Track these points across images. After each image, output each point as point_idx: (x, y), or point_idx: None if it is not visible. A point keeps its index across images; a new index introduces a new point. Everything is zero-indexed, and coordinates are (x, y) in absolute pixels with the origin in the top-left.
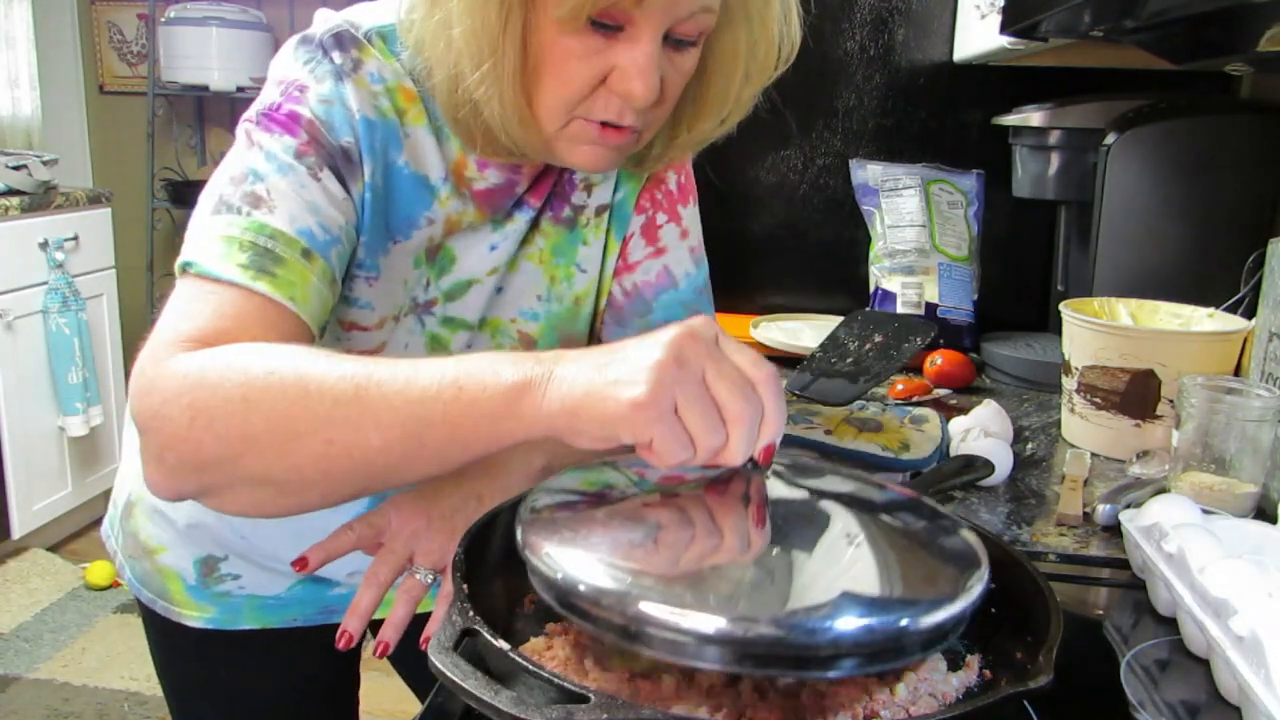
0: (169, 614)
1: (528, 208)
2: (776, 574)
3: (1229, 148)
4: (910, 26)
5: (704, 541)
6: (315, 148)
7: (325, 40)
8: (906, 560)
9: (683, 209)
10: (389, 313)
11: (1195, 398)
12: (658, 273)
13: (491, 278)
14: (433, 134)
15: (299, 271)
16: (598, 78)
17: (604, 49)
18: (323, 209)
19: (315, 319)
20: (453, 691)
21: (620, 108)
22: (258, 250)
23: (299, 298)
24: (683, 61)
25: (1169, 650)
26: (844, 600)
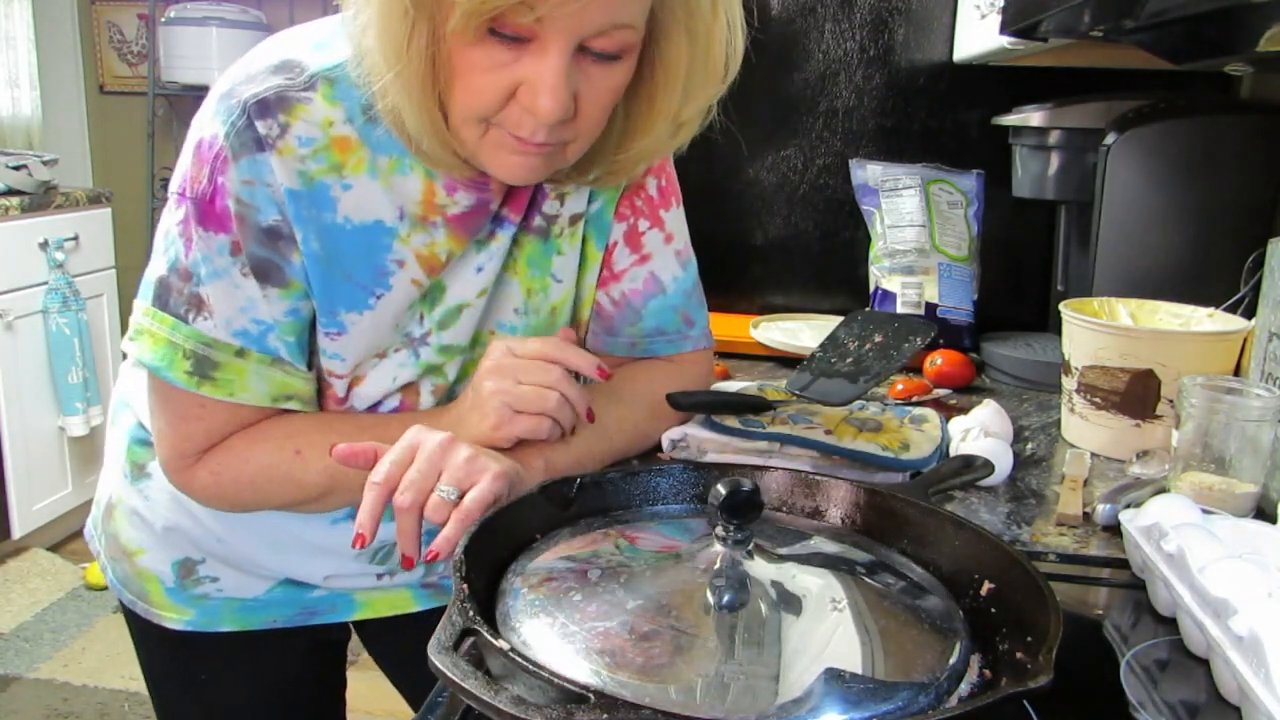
0: (149, 615)
1: (508, 223)
2: (758, 666)
3: (1229, 148)
4: (910, 26)
5: (682, 631)
6: (246, 242)
7: (250, 107)
8: (887, 635)
9: (665, 213)
10: (365, 355)
11: (1195, 398)
12: (645, 279)
13: (482, 299)
14: (379, 176)
15: (235, 369)
16: (506, 90)
17: (510, 62)
18: (256, 305)
19: (265, 394)
20: (453, 691)
21: (532, 123)
22: (197, 359)
23: (238, 391)
24: (605, 77)
25: (1169, 650)
26: (827, 694)
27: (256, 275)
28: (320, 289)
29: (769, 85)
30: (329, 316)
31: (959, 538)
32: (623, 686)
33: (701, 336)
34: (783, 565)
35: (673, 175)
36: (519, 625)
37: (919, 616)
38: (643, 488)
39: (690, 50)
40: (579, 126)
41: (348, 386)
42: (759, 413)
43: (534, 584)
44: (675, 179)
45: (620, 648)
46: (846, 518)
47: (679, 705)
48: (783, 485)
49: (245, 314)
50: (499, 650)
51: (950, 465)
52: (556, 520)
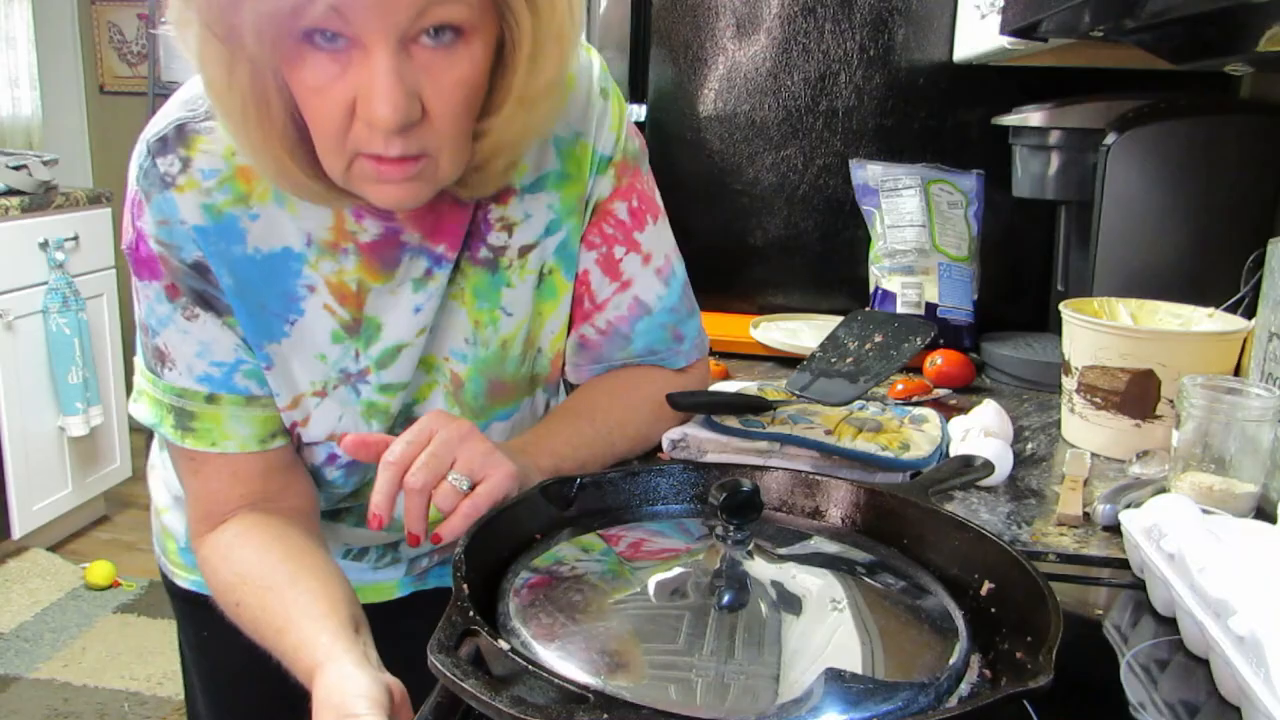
0: (166, 570)
1: (445, 262)
2: (758, 665)
3: (1229, 148)
4: (910, 26)
5: (682, 631)
6: (177, 281)
7: (152, 144)
8: (887, 636)
9: (639, 235)
10: (303, 390)
11: (1195, 398)
12: (629, 305)
13: (421, 338)
14: (286, 203)
15: (210, 417)
16: (344, 107)
17: (339, 75)
18: (210, 346)
19: (250, 438)
20: (453, 691)
21: (380, 137)
22: (176, 411)
23: (219, 438)
24: (448, 67)
25: (1169, 650)
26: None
27: (203, 307)
28: (244, 321)
29: (769, 85)
30: (257, 349)
31: (959, 538)
32: (622, 686)
33: (693, 349)
34: (783, 565)
35: (645, 192)
36: (519, 625)
37: (919, 616)
38: (643, 488)
39: (533, 20)
40: (436, 130)
41: (291, 423)
42: (759, 413)
43: (534, 584)
44: (650, 194)
45: (620, 648)
46: (846, 518)
47: (679, 705)
48: (783, 485)
49: (203, 359)
50: (499, 650)
51: (950, 465)
52: (556, 520)
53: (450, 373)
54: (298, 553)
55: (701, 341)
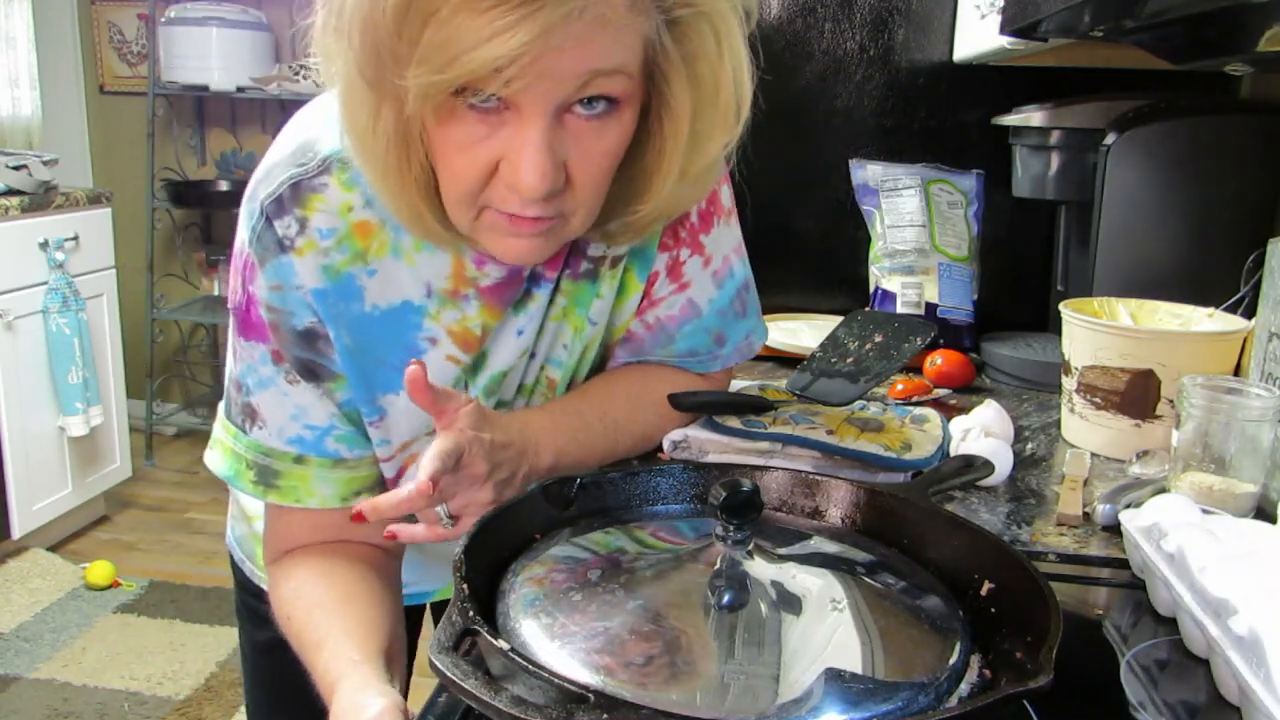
0: (253, 576)
1: (545, 283)
2: (758, 666)
3: (1229, 148)
4: (910, 26)
5: (682, 631)
6: (284, 348)
7: (268, 208)
8: (887, 636)
9: (705, 237)
10: (412, 435)
11: (1195, 398)
12: (681, 306)
13: (523, 360)
14: (404, 256)
15: (296, 476)
16: (487, 168)
17: (486, 136)
18: (307, 410)
19: (333, 496)
20: (453, 691)
21: (519, 200)
22: (259, 469)
23: (303, 495)
24: (597, 138)
25: (1169, 650)
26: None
27: (305, 376)
28: (356, 379)
29: (769, 85)
30: (368, 405)
31: (959, 538)
32: (622, 686)
33: (734, 353)
34: (783, 565)
35: (716, 192)
36: (519, 625)
37: (919, 616)
38: (643, 488)
39: (695, 97)
40: (576, 196)
41: (398, 469)
42: (760, 413)
43: (534, 584)
44: (720, 194)
45: (620, 648)
46: (846, 518)
47: (679, 705)
48: (783, 485)
49: (297, 421)
50: (499, 650)
51: (950, 465)
52: (556, 520)
53: (547, 380)
54: (354, 580)
55: (746, 345)
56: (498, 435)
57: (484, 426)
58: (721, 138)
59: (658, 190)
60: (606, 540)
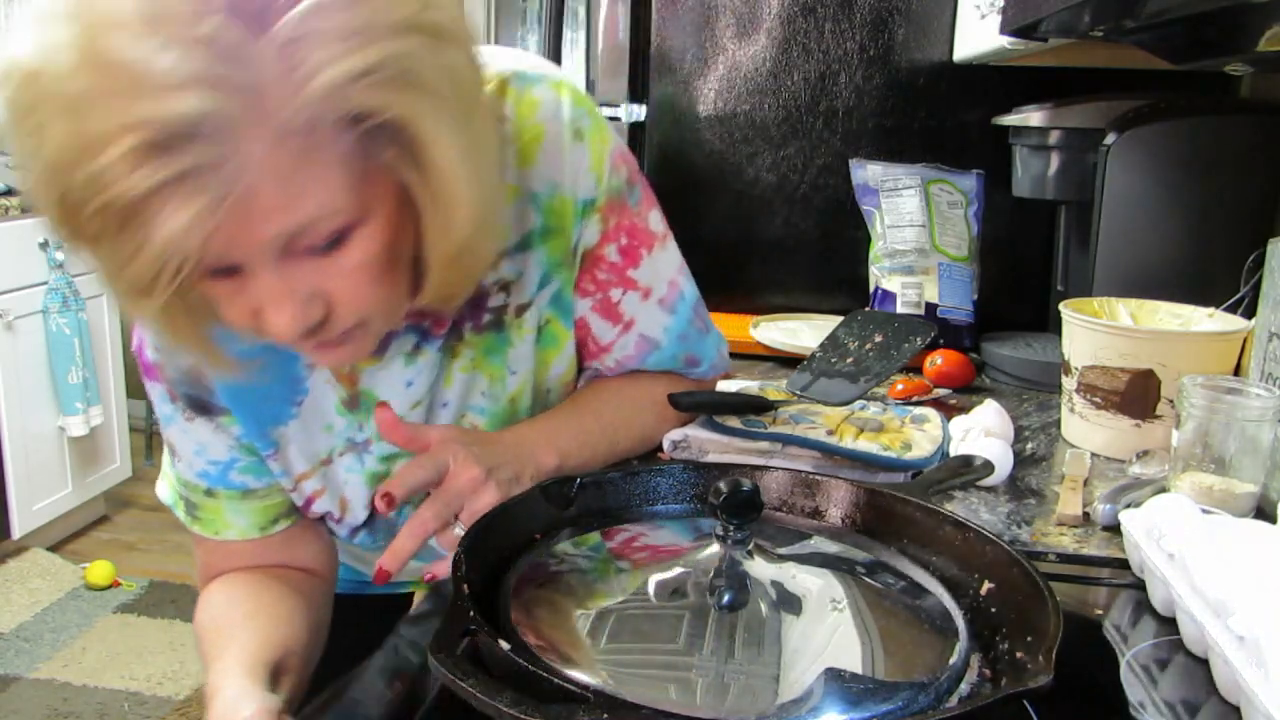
0: None
1: (433, 337)
2: (758, 665)
3: (1229, 148)
4: (910, 26)
5: (682, 632)
6: (172, 386)
7: None
8: (887, 636)
9: (635, 271)
10: (310, 464)
11: (1195, 397)
12: (635, 344)
13: (416, 410)
14: None
15: (210, 509)
16: (251, 315)
17: (236, 290)
18: (208, 446)
19: (250, 527)
20: (452, 691)
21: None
22: (185, 501)
23: (221, 527)
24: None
25: (1169, 650)
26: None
27: (197, 413)
28: (243, 415)
29: (769, 85)
30: (261, 439)
31: (959, 537)
32: (622, 686)
33: (710, 370)
34: (783, 565)
35: (638, 225)
36: (519, 625)
37: (919, 616)
38: (643, 488)
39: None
40: (348, 312)
41: (304, 500)
42: (760, 413)
43: (534, 584)
44: (643, 225)
45: (620, 648)
46: (846, 518)
47: (679, 705)
48: (783, 485)
49: (201, 456)
50: (499, 650)
51: (950, 465)
52: (556, 520)
53: (471, 424)
54: (258, 597)
55: (721, 361)
56: (487, 443)
57: (467, 439)
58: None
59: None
60: (606, 541)
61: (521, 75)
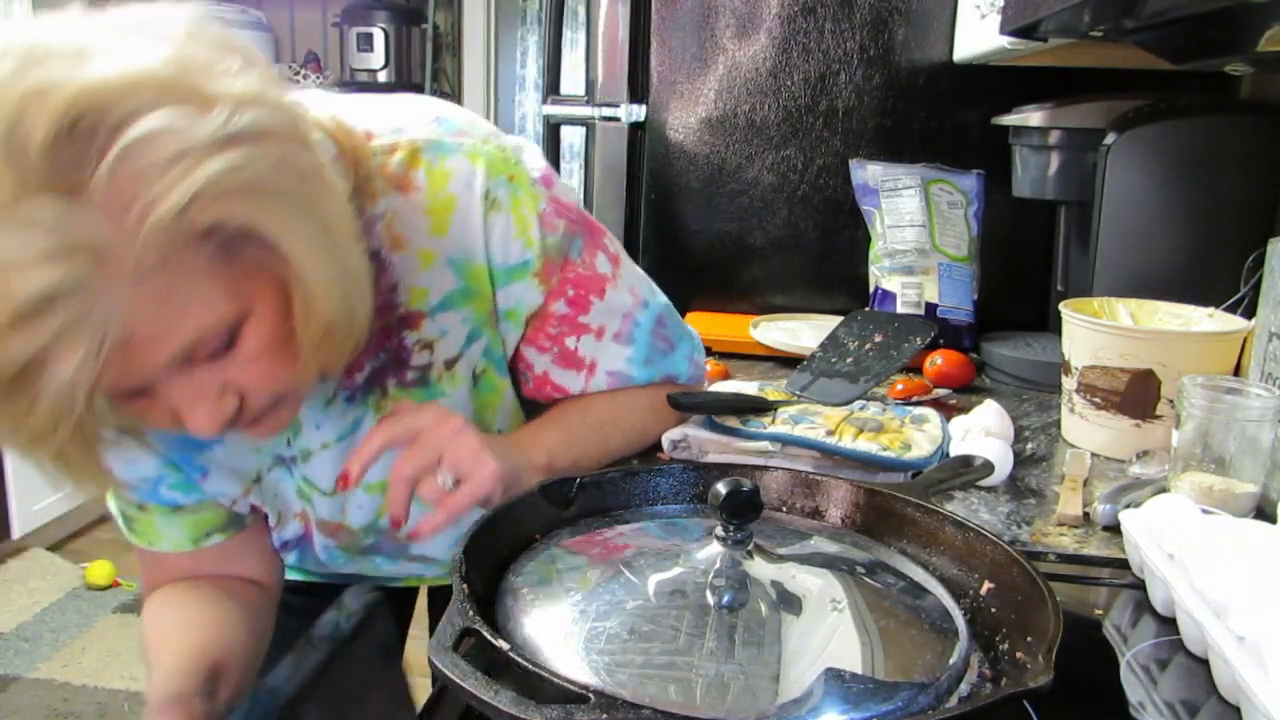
0: None
1: (342, 389)
2: (758, 665)
3: (1229, 148)
4: (910, 26)
5: (682, 631)
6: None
7: None
8: (887, 636)
9: (586, 318)
10: (245, 484)
11: (1195, 398)
12: (607, 380)
13: (327, 450)
14: None
15: (144, 521)
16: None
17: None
18: (134, 462)
19: (183, 539)
20: (453, 691)
21: None
22: (124, 514)
23: (155, 539)
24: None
25: (1168, 650)
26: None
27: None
28: (165, 444)
29: (769, 85)
30: (188, 465)
31: (959, 538)
32: (622, 686)
33: (689, 381)
34: (783, 565)
35: (583, 274)
36: (519, 625)
37: (919, 616)
38: (642, 488)
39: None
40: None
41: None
42: (760, 413)
43: (534, 584)
44: (588, 274)
45: (620, 648)
46: (846, 518)
47: (679, 705)
48: (782, 485)
49: (132, 471)
50: (499, 650)
51: (950, 465)
52: (556, 520)
53: None
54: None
55: (695, 370)
56: None
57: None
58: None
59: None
60: (606, 541)
61: (436, 145)
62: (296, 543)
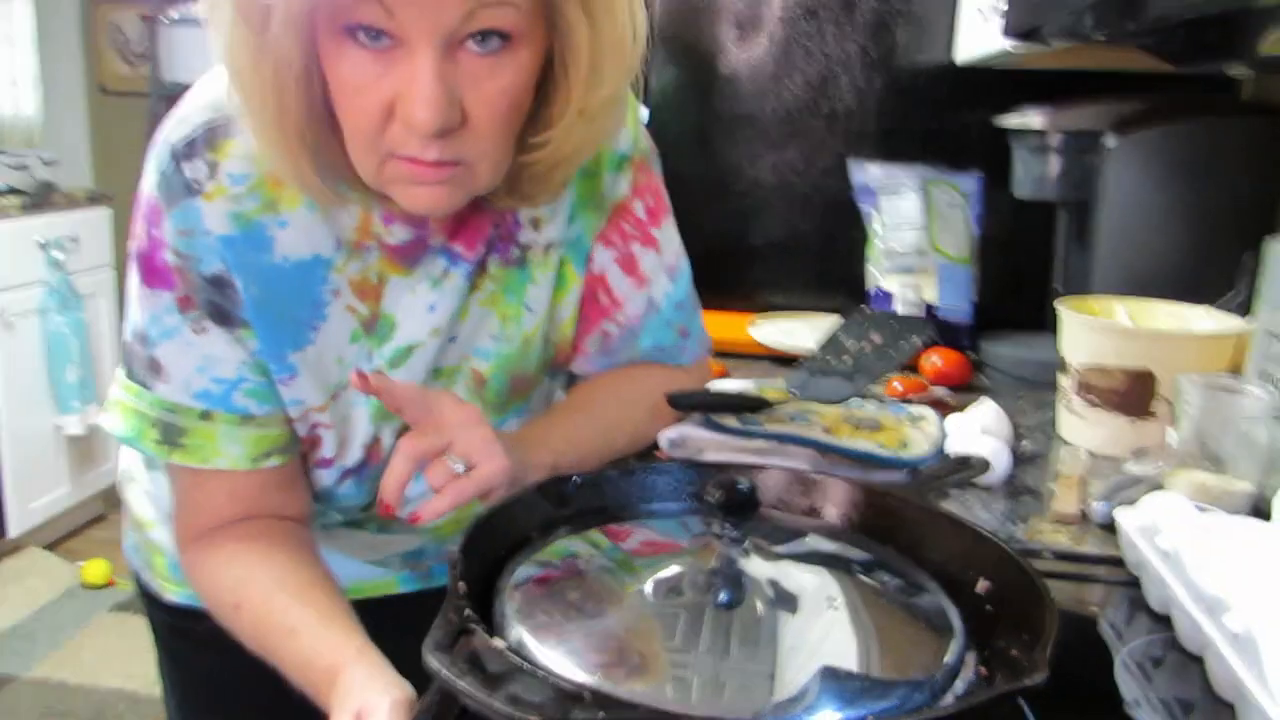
0: (151, 585)
1: (463, 261)
2: (754, 664)
3: (1229, 150)
4: (911, 29)
5: (679, 630)
6: (193, 293)
7: (178, 148)
8: (883, 634)
9: (656, 231)
10: (323, 400)
11: (1191, 396)
12: (643, 303)
13: (435, 339)
14: (316, 209)
15: (203, 434)
16: (383, 107)
17: (380, 74)
18: (214, 361)
19: (242, 456)
20: (448, 690)
21: (418, 140)
22: (163, 427)
23: (210, 455)
24: (492, 75)
25: (1163, 647)
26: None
27: (216, 320)
28: (264, 333)
29: (770, 86)
30: (278, 361)
31: (955, 536)
32: (618, 685)
33: (698, 345)
34: (779, 563)
35: (660, 190)
36: (515, 624)
37: (915, 614)
38: (640, 486)
39: (590, 29)
40: (476, 139)
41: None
42: (757, 412)
43: (531, 583)
44: (663, 193)
45: (616, 646)
46: (843, 516)
47: (675, 704)
48: (779, 483)
49: (204, 374)
50: (495, 649)
51: (947, 464)
52: (554, 519)
53: (473, 371)
54: (304, 562)
55: (705, 338)
56: None
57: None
58: (620, 70)
59: (558, 128)
60: (604, 539)
61: None
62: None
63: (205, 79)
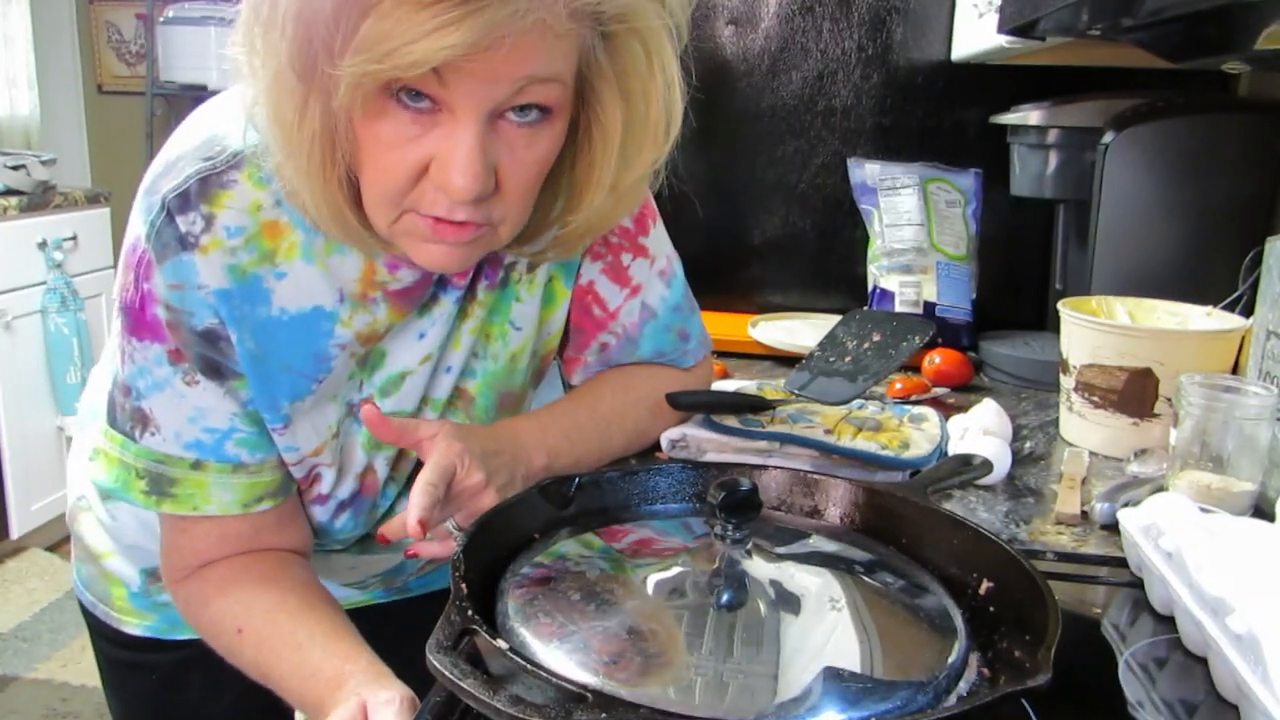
0: (108, 619)
1: (452, 288)
2: (756, 665)
3: (1227, 146)
4: (908, 25)
5: (681, 631)
6: (184, 347)
7: (170, 201)
8: (886, 635)
9: (644, 239)
10: (321, 441)
11: (1193, 396)
12: (639, 311)
13: (425, 365)
14: (315, 260)
15: (193, 483)
16: (416, 168)
17: (418, 136)
18: (206, 413)
19: (233, 503)
20: (451, 691)
21: (447, 202)
22: (152, 477)
23: (200, 502)
24: (529, 145)
25: (1167, 648)
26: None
27: (207, 375)
28: (258, 385)
29: (767, 84)
30: (273, 411)
31: (957, 536)
32: (621, 686)
33: (699, 346)
34: (781, 564)
35: (646, 197)
36: (517, 625)
37: (918, 615)
38: (641, 487)
39: (626, 112)
40: (504, 204)
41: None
42: (758, 412)
43: (532, 584)
44: (649, 199)
45: (619, 647)
46: (845, 517)
47: (677, 704)
48: (781, 484)
49: (195, 425)
50: (497, 650)
51: (949, 464)
52: (555, 520)
53: (459, 391)
54: (302, 584)
55: (705, 338)
56: (486, 444)
57: (468, 438)
58: (650, 154)
59: (587, 204)
60: (605, 540)
61: None
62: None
63: (196, 118)
